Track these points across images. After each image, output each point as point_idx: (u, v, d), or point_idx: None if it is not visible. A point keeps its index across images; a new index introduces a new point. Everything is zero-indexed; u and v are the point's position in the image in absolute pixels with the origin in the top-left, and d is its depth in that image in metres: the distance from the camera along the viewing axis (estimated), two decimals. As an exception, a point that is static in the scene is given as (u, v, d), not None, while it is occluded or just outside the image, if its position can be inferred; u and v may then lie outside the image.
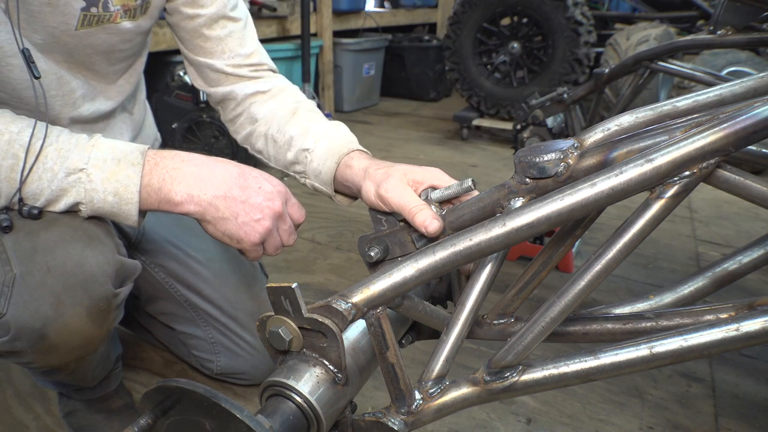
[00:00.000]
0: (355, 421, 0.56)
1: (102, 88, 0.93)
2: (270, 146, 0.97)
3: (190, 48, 0.99)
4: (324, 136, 0.90)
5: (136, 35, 0.91)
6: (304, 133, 0.92)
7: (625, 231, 0.48)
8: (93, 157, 0.71)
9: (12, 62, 0.75)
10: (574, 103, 1.69)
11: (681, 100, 0.58)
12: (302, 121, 0.94)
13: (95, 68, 0.89)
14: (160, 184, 0.72)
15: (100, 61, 0.89)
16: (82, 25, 0.80)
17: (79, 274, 0.73)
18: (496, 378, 0.54)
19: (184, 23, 0.96)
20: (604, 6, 4.06)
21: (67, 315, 0.72)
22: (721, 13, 1.38)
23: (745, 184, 0.49)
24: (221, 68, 0.99)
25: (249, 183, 0.76)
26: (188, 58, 1.01)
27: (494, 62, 3.28)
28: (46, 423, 1.14)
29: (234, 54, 0.98)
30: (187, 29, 0.97)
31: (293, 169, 0.94)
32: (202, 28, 0.95)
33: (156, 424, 0.48)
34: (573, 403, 1.21)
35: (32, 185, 0.69)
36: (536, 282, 0.62)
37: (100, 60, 0.88)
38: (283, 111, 0.97)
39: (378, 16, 4.28)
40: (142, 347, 1.35)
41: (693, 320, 0.56)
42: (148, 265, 1.11)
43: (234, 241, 0.76)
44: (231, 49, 0.98)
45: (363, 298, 0.53)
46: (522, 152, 0.55)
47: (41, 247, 0.71)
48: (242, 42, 0.99)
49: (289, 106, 0.97)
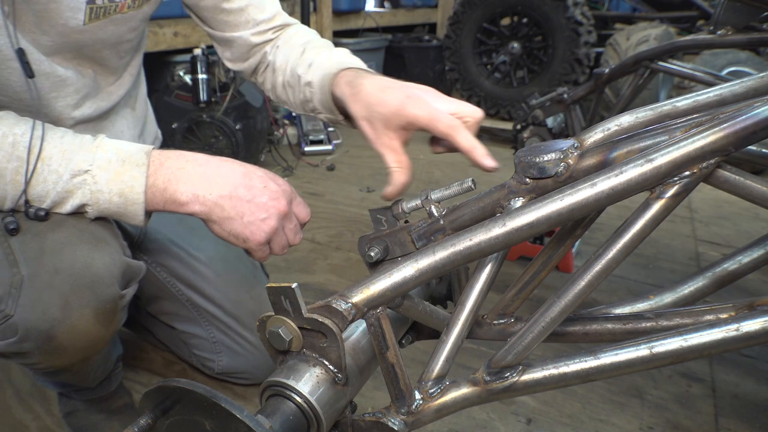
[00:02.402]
0: (355, 421, 0.56)
1: (108, 82, 0.93)
2: (289, 93, 0.98)
3: (215, 26, 0.99)
4: (320, 65, 0.89)
5: (141, 22, 0.91)
6: (307, 69, 0.92)
7: (625, 231, 0.48)
8: (97, 158, 0.71)
9: (12, 65, 0.75)
10: (574, 103, 1.69)
11: (681, 100, 0.58)
12: (308, 58, 0.93)
13: (105, 63, 0.89)
14: (165, 184, 0.72)
15: (110, 55, 0.89)
16: (90, 18, 0.79)
17: (87, 276, 0.73)
18: (496, 378, 0.54)
19: (204, 2, 0.96)
20: (604, 6, 4.06)
21: (75, 316, 0.72)
22: (721, 13, 1.38)
23: (745, 184, 0.49)
24: (248, 39, 0.99)
25: (254, 182, 0.76)
26: (216, 38, 1.02)
27: (494, 62, 3.28)
28: (46, 423, 1.14)
29: (257, 21, 0.98)
30: (207, 8, 0.97)
31: (308, 108, 0.94)
32: (222, 3, 0.96)
33: (156, 424, 0.48)
34: (573, 403, 1.21)
35: (38, 187, 0.69)
36: (536, 282, 0.62)
37: (110, 54, 0.89)
38: (294, 54, 0.96)
39: (378, 16, 4.28)
40: (142, 347, 1.35)
41: (693, 320, 0.56)
42: (150, 264, 1.11)
43: (240, 241, 0.76)
44: (254, 17, 0.98)
45: (363, 298, 0.53)
46: (522, 152, 0.55)
47: (49, 249, 0.71)
48: (262, 8, 0.99)
49: (299, 48, 0.97)
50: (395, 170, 0.73)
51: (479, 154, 0.68)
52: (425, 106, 0.71)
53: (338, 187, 2.47)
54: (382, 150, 0.75)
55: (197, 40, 2.56)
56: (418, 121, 0.71)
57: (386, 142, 0.74)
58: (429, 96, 0.74)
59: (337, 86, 0.83)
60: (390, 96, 0.74)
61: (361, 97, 0.77)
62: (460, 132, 0.69)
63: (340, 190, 2.47)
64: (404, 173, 0.74)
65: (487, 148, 0.69)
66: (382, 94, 0.75)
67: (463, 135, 0.69)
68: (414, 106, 0.72)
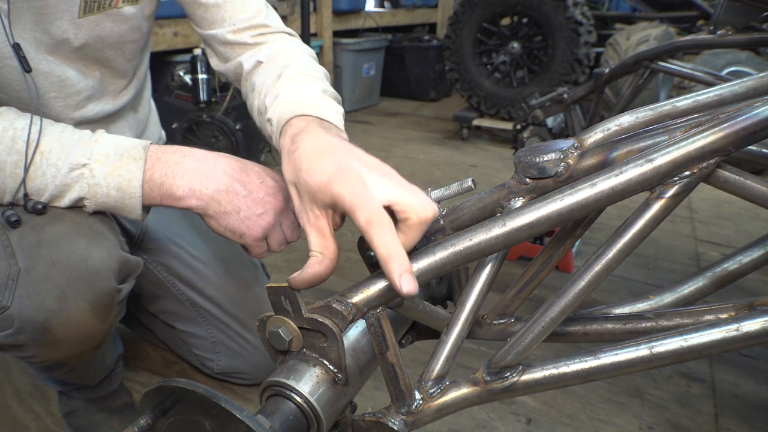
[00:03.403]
0: (355, 421, 0.56)
1: (116, 85, 0.92)
2: (259, 121, 0.86)
3: (196, 22, 0.95)
4: (282, 102, 0.77)
5: (143, 21, 0.90)
6: (273, 101, 0.79)
7: (625, 231, 0.48)
8: (96, 152, 0.71)
9: (9, 63, 0.75)
10: (574, 103, 1.69)
11: (681, 100, 0.58)
12: (278, 88, 0.81)
13: (111, 64, 0.89)
14: (162, 178, 0.73)
15: (115, 56, 0.88)
16: (84, 12, 0.79)
17: (83, 269, 0.73)
18: (496, 378, 0.54)
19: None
20: (604, 6, 4.06)
21: (71, 309, 0.72)
22: (721, 13, 1.38)
23: (745, 184, 0.49)
24: (224, 37, 0.92)
25: (251, 177, 0.76)
26: (201, 36, 0.97)
27: (494, 62, 3.28)
28: (46, 423, 1.14)
29: (235, 20, 0.92)
30: (187, 2, 0.92)
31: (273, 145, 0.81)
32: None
33: (156, 424, 0.48)
34: (573, 403, 1.21)
35: (36, 180, 0.70)
36: (536, 282, 0.62)
37: (114, 54, 0.88)
38: (270, 79, 0.85)
39: (378, 16, 4.28)
40: (142, 347, 1.35)
41: (693, 320, 0.56)
42: (150, 263, 1.11)
43: (236, 236, 0.75)
44: (231, 15, 0.91)
45: (363, 298, 0.53)
46: (522, 152, 0.55)
47: (46, 242, 0.72)
48: (244, 7, 0.92)
49: (277, 72, 0.85)
50: (314, 256, 0.59)
51: (394, 267, 0.49)
52: (355, 186, 0.55)
53: (338, 187, 2.46)
54: (306, 228, 0.61)
55: (197, 40, 2.56)
56: (341, 203, 0.55)
57: (312, 220, 0.60)
58: (371, 174, 0.57)
59: (283, 135, 0.71)
60: (320, 165, 0.59)
61: (293, 158, 0.64)
62: (380, 232, 0.52)
63: (340, 190, 2.46)
64: (324, 263, 0.58)
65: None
66: (315, 160, 0.60)
67: (383, 237, 0.51)
68: (341, 183, 0.56)
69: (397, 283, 0.49)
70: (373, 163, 0.60)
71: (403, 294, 0.50)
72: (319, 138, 0.66)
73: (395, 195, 0.55)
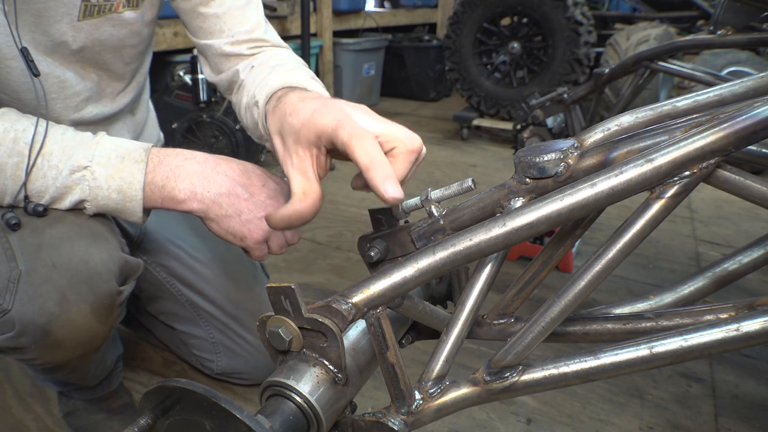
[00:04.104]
0: (355, 421, 0.56)
1: (114, 88, 0.92)
2: (248, 116, 0.86)
3: (193, 32, 0.95)
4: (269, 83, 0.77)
5: (143, 26, 0.90)
6: (262, 89, 0.79)
7: (625, 231, 0.48)
8: (97, 154, 0.71)
9: (11, 65, 0.75)
10: (574, 103, 1.69)
11: (681, 100, 0.58)
12: (267, 79, 0.81)
13: (109, 68, 0.89)
14: (163, 181, 0.73)
15: (113, 59, 0.88)
16: (84, 15, 0.79)
17: (84, 271, 0.73)
18: (496, 378, 0.54)
19: (183, 4, 0.92)
20: (604, 6, 4.06)
21: (72, 311, 0.72)
22: (721, 13, 1.38)
23: (745, 184, 0.49)
24: (221, 48, 0.93)
25: (252, 180, 0.76)
26: (195, 45, 0.97)
27: (494, 62, 3.28)
28: (46, 423, 1.15)
29: (234, 32, 0.93)
30: (185, 11, 0.93)
31: (257, 135, 0.83)
32: (199, 7, 0.92)
33: (156, 424, 0.48)
34: (573, 403, 1.21)
35: (37, 182, 0.70)
36: (536, 282, 0.62)
37: (113, 58, 0.88)
38: (261, 75, 0.86)
39: (378, 16, 4.28)
40: (142, 347, 1.35)
41: (693, 320, 0.56)
42: (150, 264, 1.11)
43: (237, 239, 0.76)
44: (230, 27, 0.92)
45: (363, 298, 0.53)
46: (522, 152, 0.55)
47: (47, 244, 0.72)
48: (243, 20, 0.93)
49: (268, 70, 0.86)
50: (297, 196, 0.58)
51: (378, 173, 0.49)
52: (338, 114, 0.56)
53: (338, 187, 2.47)
54: (290, 172, 0.61)
55: (197, 40, 2.55)
56: (325, 131, 0.56)
57: (296, 163, 0.60)
58: (356, 111, 0.59)
59: (269, 104, 0.72)
60: (305, 106, 0.61)
61: (279, 108, 0.66)
62: (362, 142, 0.52)
63: (340, 190, 2.47)
64: (305, 202, 0.58)
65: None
66: (299, 103, 0.63)
67: (364, 146, 0.52)
68: (324, 115, 0.57)
69: (381, 189, 0.49)
70: (357, 105, 0.61)
71: (388, 199, 0.49)
72: (306, 92, 0.69)
73: (381, 127, 0.57)
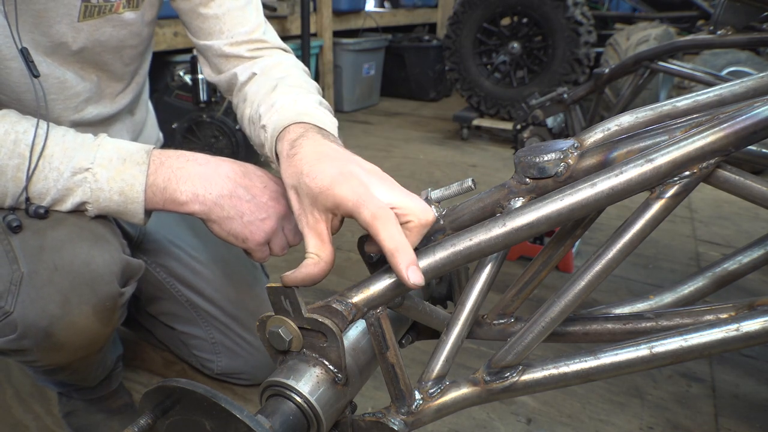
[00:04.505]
0: (355, 421, 0.56)
1: (113, 89, 0.92)
2: (251, 130, 0.86)
3: (192, 32, 0.95)
4: (279, 110, 0.77)
5: (143, 27, 0.90)
6: (268, 109, 0.79)
7: (625, 231, 0.48)
8: (98, 156, 0.71)
9: (11, 65, 0.75)
10: (574, 103, 1.69)
11: (681, 100, 0.58)
12: (274, 98, 0.81)
13: (109, 68, 0.89)
14: (165, 183, 0.72)
15: (113, 60, 0.88)
16: (84, 16, 0.79)
17: (86, 273, 0.73)
18: (496, 378, 0.54)
19: (183, 5, 0.92)
20: (604, 6, 4.06)
21: (74, 313, 0.72)
22: (721, 13, 1.38)
23: (745, 184, 0.49)
24: (220, 49, 0.93)
25: (254, 182, 0.76)
26: (195, 45, 0.97)
27: (494, 62, 3.28)
28: (46, 423, 1.15)
29: (233, 33, 0.92)
30: (185, 11, 0.93)
31: (263, 153, 0.82)
32: (199, 8, 0.91)
33: (156, 424, 0.48)
34: (573, 403, 1.21)
35: (38, 184, 0.69)
36: (536, 282, 0.62)
37: (113, 59, 0.88)
38: (265, 89, 0.85)
39: (378, 16, 4.28)
40: (142, 347, 1.35)
41: (693, 320, 0.56)
42: (150, 264, 1.11)
43: (239, 241, 0.75)
44: (230, 28, 0.92)
45: (363, 298, 0.53)
46: (522, 152, 0.55)
47: (48, 246, 0.72)
48: (243, 20, 0.92)
49: (272, 83, 0.86)
50: (310, 257, 0.59)
51: (401, 259, 0.51)
52: (357, 188, 0.56)
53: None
54: (305, 231, 0.62)
55: (197, 40, 2.56)
56: (344, 205, 0.56)
57: (311, 223, 0.61)
58: (371, 179, 0.59)
59: (281, 141, 0.72)
60: (322, 169, 0.60)
61: (294, 162, 0.65)
62: (386, 225, 0.53)
63: (340, 190, 2.46)
64: (320, 266, 0.59)
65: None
66: (316, 164, 0.61)
67: (389, 230, 0.53)
68: (343, 186, 0.57)
69: (404, 275, 0.51)
70: (371, 169, 0.61)
71: (411, 285, 0.51)
72: (319, 143, 0.67)
73: (396, 199, 0.57)
